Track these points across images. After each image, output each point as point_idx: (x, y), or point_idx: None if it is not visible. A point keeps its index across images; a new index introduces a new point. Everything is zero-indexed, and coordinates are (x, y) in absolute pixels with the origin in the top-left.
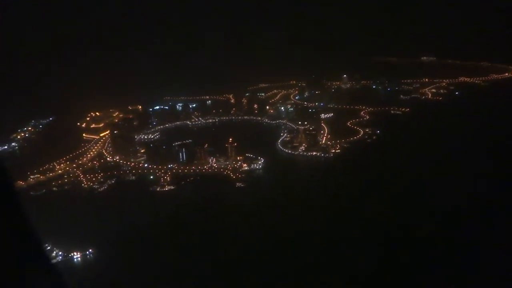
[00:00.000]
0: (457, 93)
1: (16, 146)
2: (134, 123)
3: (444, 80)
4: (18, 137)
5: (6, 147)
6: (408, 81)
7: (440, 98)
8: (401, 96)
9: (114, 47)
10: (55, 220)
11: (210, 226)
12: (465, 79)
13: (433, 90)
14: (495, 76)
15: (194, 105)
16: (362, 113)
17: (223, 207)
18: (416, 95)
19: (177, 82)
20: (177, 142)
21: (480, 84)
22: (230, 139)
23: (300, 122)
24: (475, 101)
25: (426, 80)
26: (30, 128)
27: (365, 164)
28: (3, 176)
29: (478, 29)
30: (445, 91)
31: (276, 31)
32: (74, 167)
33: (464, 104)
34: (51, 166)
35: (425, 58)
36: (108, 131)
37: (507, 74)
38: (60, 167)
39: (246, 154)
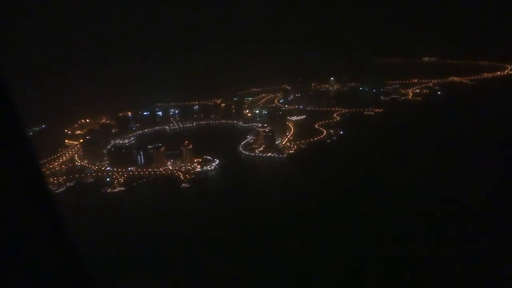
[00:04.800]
0: (439, 92)
1: None
2: (114, 129)
3: (432, 80)
4: None
5: None
6: (396, 82)
7: (419, 98)
8: (381, 97)
9: (112, 53)
10: None
11: (129, 221)
12: (455, 78)
13: (417, 91)
14: (486, 75)
15: (177, 111)
16: (335, 114)
17: (154, 204)
18: (396, 96)
19: (172, 88)
20: (150, 146)
21: (467, 84)
22: (186, 142)
23: (260, 125)
24: (454, 100)
25: (415, 80)
26: None
27: (310, 164)
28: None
29: (482, 28)
30: (427, 91)
31: (277, 33)
32: (44, 171)
33: (440, 104)
34: None
35: (426, 58)
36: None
37: (499, 72)
38: None
39: (204, 156)
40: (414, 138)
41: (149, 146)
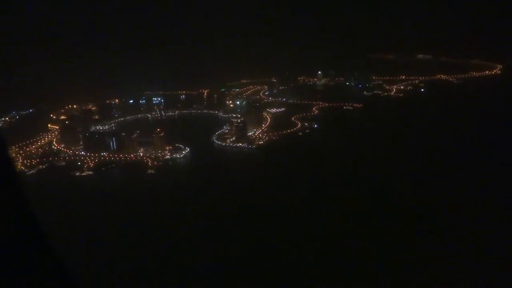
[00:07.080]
0: (422, 90)
1: None
2: (95, 116)
3: (419, 77)
4: None
5: None
6: (383, 78)
7: (401, 95)
8: (364, 93)
9: (109, 42)
10: None
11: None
12: (442, 76)
13: (401, 87)
14: (474, 74)
15: (162, 99)
16: (314, 108)
17: (115, 188)
18: (378, 92)
19: (165, 78)
20: (123, 132)
21: (453, 82)
22: (158, 129)
23: (234, 115)
24: (434, 98)
25: (403, 77)
26: (7, 119)
27: (276, 155)
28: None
29: (481, 26)
30: (411, 88)
31: (274, 27)
32: (20, 153)
33: (419, 101)
34: None
35: (421, 56)
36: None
37: (486, 72)
38: None
39: (176, 144)
40: (384, 134)
41: (122, 133)
